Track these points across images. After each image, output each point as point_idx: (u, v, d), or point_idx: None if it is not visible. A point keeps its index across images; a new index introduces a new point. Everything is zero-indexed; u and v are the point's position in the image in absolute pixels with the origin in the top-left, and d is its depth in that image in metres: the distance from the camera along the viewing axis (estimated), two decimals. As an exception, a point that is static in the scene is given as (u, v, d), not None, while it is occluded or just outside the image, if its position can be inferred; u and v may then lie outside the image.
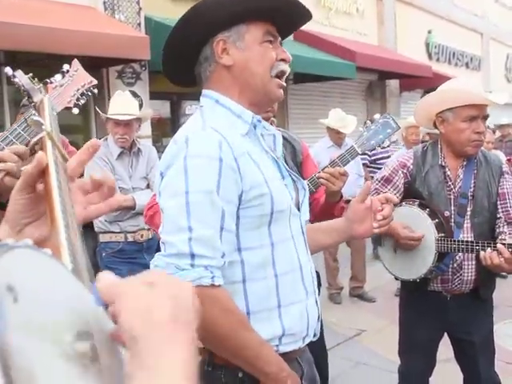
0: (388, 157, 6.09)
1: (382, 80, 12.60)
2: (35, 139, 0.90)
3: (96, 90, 2.39)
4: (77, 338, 0.52)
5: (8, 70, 1.85)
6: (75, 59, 2.21)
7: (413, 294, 2.73)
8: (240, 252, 1.45)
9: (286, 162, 2.54)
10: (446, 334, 2.77)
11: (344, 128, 5.93)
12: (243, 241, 1.44)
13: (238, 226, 1.43)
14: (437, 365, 2.87)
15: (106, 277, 0.62)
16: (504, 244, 2.32)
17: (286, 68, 1.56)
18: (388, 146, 6.71)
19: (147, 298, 0.59)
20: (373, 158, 6.70)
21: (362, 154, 6.80)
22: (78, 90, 2.24)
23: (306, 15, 1.62)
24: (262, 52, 1.52)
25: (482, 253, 2.35)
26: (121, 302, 0.59)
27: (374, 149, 2.68)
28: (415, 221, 2.54)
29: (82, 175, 3.45)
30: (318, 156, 5.64)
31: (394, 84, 13.04)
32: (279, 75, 1.56)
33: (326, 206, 2.47)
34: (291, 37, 10.02)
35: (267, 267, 1.47)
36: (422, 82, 12.06)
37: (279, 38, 1.58)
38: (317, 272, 2.73)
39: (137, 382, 0.54)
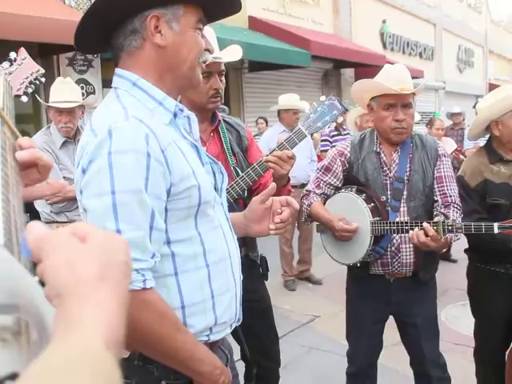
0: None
1: (337, 69, 12.71)
2: None
3: (43, 79, 2.35)
4: None
5: None
6: (22, 48, 2.16)
7: (357, 278, 2.79)
8: (170, 245, 1.39)
9: (231, 147, 2.54)
10: (393, 317, 2.82)
11: (301, 105, 6.08)
12: (172, 234, 1.39)
13: (167, 219, 1.37)
14: (385, 348, 2.93)
15: (37, 228, 0.60)
16: (429, 222, 2.38)
17: (210, 58, 1.59)
18: (348, 134, 6.80)
19: (74, 252, 0.56)
20: (334, 144, 6.76)
21: (323, 141, 6.91)
22: (27, 78, 2.20)
23: (236, 6, 1.59)
24: (194, 38, 1.46)
25: (410, 232, 2.40)
26: (47, 257, 0.56)
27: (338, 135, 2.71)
28: (352, 206, 2.60)
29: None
30: (270, 141, 5.69)
31: (349, 73, 13.16)
32: (203, 63, 1.56)
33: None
34: (246, 25, 9.98)
35: (198, 258, 1.43)
36: (376, 70, 11.98)
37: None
38: (264, 257, 2.75)
39: (55, 338, 0.52)
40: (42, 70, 2.28)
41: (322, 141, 7.01)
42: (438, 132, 7.18)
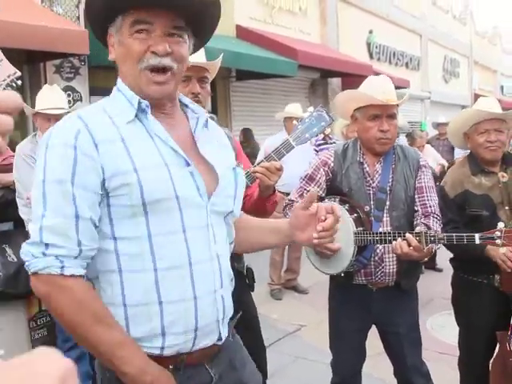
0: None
1: (324, 78, 12.76)
2: None
3: (20, 82, 2.33)
4: None
5: None
6: None
7: (339, 288, 2.80)
8: (115, 241, 1.40)
9: None
10: (375, 327, 2.83)
11: (301, 113, 6.30)
12: (117, 230, 1.40)
13: (111, 215, 1.40)
14: (369, 358, 2.94)
15: None
16: (412, 233, 2.40)
17: (157, 61, 1.43)
18: (334, 143, 6.83)
19: None
20: (320, 153, 6.80)
21: (317, 149, 6.96)
22: (4, 80, 2.18)
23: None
24: (128, 45, 1.44)
25: (393, 242, 2.42)
26: None
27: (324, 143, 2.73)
28: None
29: (8, 171, 3.31)
30: (271, 148, 5.71)
31: (336, 82, 13.22)
32: (153, 69, 1.44)
33: (259, 200, 2.47)
34: (234, 34, 10.01)
35: (145, 260, 1.40)
36: (363, 80, 12.23)
37: (161, 26, 1.43)
38: (250, 268, 2.74)
39: None
40: (19, 73, 2.29)
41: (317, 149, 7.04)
42: (420, 150, 7.27)
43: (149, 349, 1.43)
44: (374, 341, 2.88)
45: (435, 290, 5.25)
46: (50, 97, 3.54)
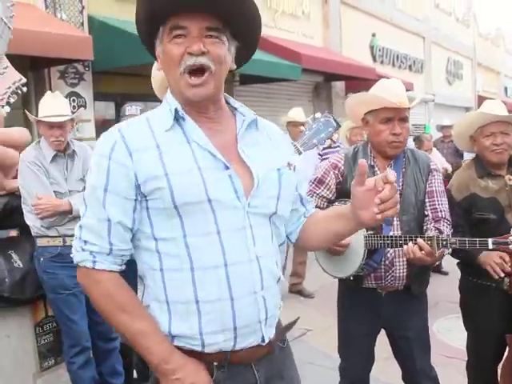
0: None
1: (327, 82, 12.76)
2: None
3: (25, 89, 2.33)
4: None
5: None
6: (3, 56, 2.15)
7: (349, 292, 2.79)
8: (156, 241, 1.50)
9: None
10: (384, 331, 2.81)
11: (302, 118, 6.33)
12: (157, 231, 1.50)
13: (150, 217, 1.50)
14: (377, 362, 2.92)
15: None
16: (423, 238, 2.38)
17: (193, 61, 1.46)
18: (338, 146, 6.82)
19: None
20: (324, 156, 6.77)
21: (321, 153, 6.98)
22: (10, 87, 2.18)
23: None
24: (168, 51, 1.51)
25: (404, 247, 2.40)
26: None
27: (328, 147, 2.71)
28: None
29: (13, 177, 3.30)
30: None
31: (339, 86, 13.22)
32: (192, 71, 1.48)
33: None
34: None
35: (182, 260, 1.47)
36: (366, 83, 12.20)
37: (196, 28, 1.47)
38: None
39: None
40: (24, 80, 2.28)
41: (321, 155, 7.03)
42: (427, 153, 7.24)
43: (191, 345, 1.51)
44: (381, 345, 2.87)
45: (441, 293, 5.23)
46: (53, 104, 3.54)
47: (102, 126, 8.46)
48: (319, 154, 6.74)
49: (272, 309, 1.57)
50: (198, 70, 1.48)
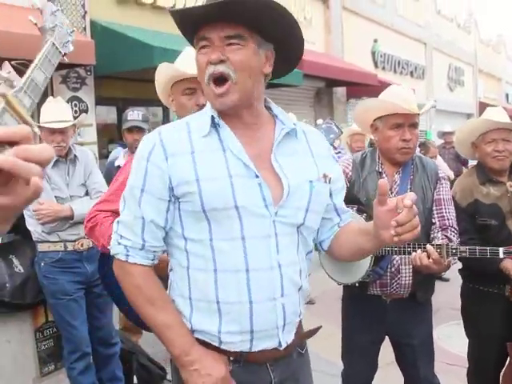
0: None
1: (329, 87, 12.78)
2: None
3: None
4: None
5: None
6: (6, 61, 2.15)
7: (353, 298, 2.77)
8: (185, 240, 1.58)
9: None
10: (387, 337, 2.80)
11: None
12: (186, 231, 1.57)
13: (181, 217, 1.57)
14: (379, 368, 2.91)
15: None
16: (432, 245, 2.37)
17: (212, 69, 1.49)
18: (339, 152, 6.82)
19: None
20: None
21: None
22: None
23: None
24: (196, 61, 1.56)
25: (412, 254, 2.39)
26: None
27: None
28: None
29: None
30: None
31: (340, 91, 13.24)
32: (214, 80, 1.51)
33: None
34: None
35: (208, 261, 1.54)
36: (368, 89, 12.28)
37: (217, 38, 1.49)
38: None
39: None
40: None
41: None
42: (432, 160, 7.24)
43: (210, 340, 1.59)
44: (382, 350, 2.85)
45: (442, 299, 5.20)
46: (54, 110, 3.54)
47: (104, 130, 8.48)
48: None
49: (291, 316, 1.60)
50: (220, 79, 1.50)
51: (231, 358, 1.59)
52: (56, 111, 3.52)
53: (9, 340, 3.55)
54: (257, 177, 1.52)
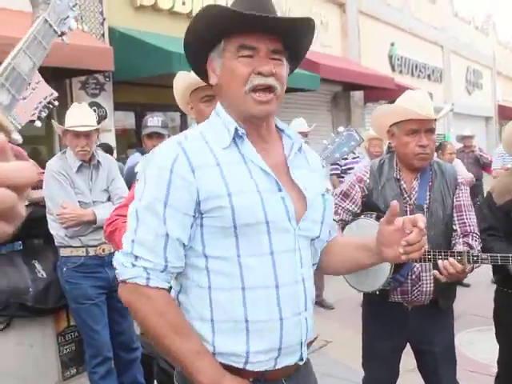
0: (360, 166, 6.20)
1: (346, 91, 12.75)
2: None
3: (57, 103, 2.36)
4: None
5: None
6: (36, 71, 2.17)
7: (374, 306, 2.76)
8: (206, 259, 1.48)
9: None
10: (408, 344, 2.79)
11: (306, 128, 6.32)
12: (208, 249, 1.47)
13: (203, 234, 1.47)
14: (400, 375, 2.89)
15: None
16: (453, 252, 2.37)
17: (263, 81, 1.48)
18: (358, 157, 6.79)
19: None
20: (344, 167, 6.75)
21: (333, 164, 6.97)
22: (41, 102, 2.20)
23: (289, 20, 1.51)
24: (233, 68, 1.50)
25: (439, 262, 2.38)
26: None
27: (346, 158, 2.71)
28: (372, 233, 2.55)
29: (38, 187, 3.33)
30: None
31: (358, 95, 13.21)
32: (258, 89, 1.49)
33: None
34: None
35: (234, 279, 1.46)
36: (385, 93, 12.25)
37: (266, 49, 1.49)
38: None
39: None
40: (56, 94, 2.30)
41: (332, 164, 7.00)
42: (451, 156, 7.19)
43: (233, 362, 1.50)
44: (404, 358, 2.84)
45: (463, 305, 5.16)
46: (79, 114, 3.60)
47: (122, 135, 8.55)
48: (339, 165, 6.73)
49: (310, 330, 1.60)
50: (265, 89, 1.50)
51: (251, 379, 1.53)
52: (81, 116, 3.58)
53: (31, 344, 3.60)
54: (280, 190, 1.51)
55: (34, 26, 0.69)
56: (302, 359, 1.58)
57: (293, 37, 1.52)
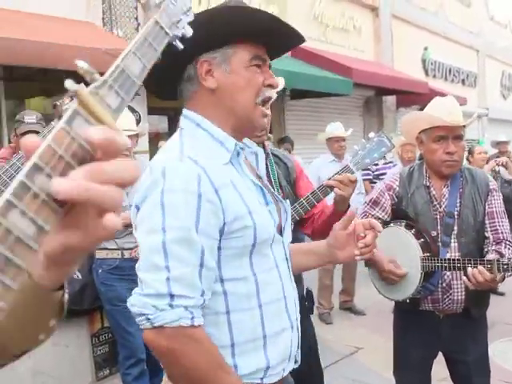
0: (392, 172, 6.13)
1: (378, 96, 12.66)
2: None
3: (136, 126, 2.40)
4: None
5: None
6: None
7: (406, 313, 2.74)
8: (223, 283, 1.40)
9: (278, 180, 2.54)
10: (441, 353, 2.76)
11: (344, 133, 6.11)
12: (225, 272, 1.39)
13: (220, 257, 1.38)
14: (434, 383, 2.87)
15: None
16: (483, 261, 2.35)
17: (273, 94, 1.51)
18: (390, 162, 6.74)
19: None
20: (376, 172, 6.72)
21: (364, 170, 6.95)
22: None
23: (296, 37, 1.54)
24: (247, 77, 1.45)
25: (469, 269, 2.36)
26: None
27: (377, 164, 2.72)
28: (401, 241, 2.56)
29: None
30: (319, 170, 5.68)
31: (390, 100, 13.10)
32: (265, 101, 1.50)
33: (335, 215, 2.42)
34: (288, 53, 10.07)
35: (251, 298, 1.42)
36: (418, 98, 12.11)
37: (268, 61, 1.52)
38: (310, 291, 2.73)
39: None
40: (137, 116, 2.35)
41: (363, 169, 6.97)
42: (481, 156, 7.07)
43: (251, 380, 1.45)
44: (437, 366, 2.81)
45: (496, 314, 5.07)
46: (121, 119, 3.65)
47: (155, 139, 8.65)
48: (370, 170, 6.70)
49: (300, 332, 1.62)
50: (267, 102, 1.53)
51: None
52: (122, 120, 3.63)
53: (67, 345, 3.67)
54: (267, 204, 1.50)
55: (145, 27, 0.70)
56: (296, 361, 1.60)
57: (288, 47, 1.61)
